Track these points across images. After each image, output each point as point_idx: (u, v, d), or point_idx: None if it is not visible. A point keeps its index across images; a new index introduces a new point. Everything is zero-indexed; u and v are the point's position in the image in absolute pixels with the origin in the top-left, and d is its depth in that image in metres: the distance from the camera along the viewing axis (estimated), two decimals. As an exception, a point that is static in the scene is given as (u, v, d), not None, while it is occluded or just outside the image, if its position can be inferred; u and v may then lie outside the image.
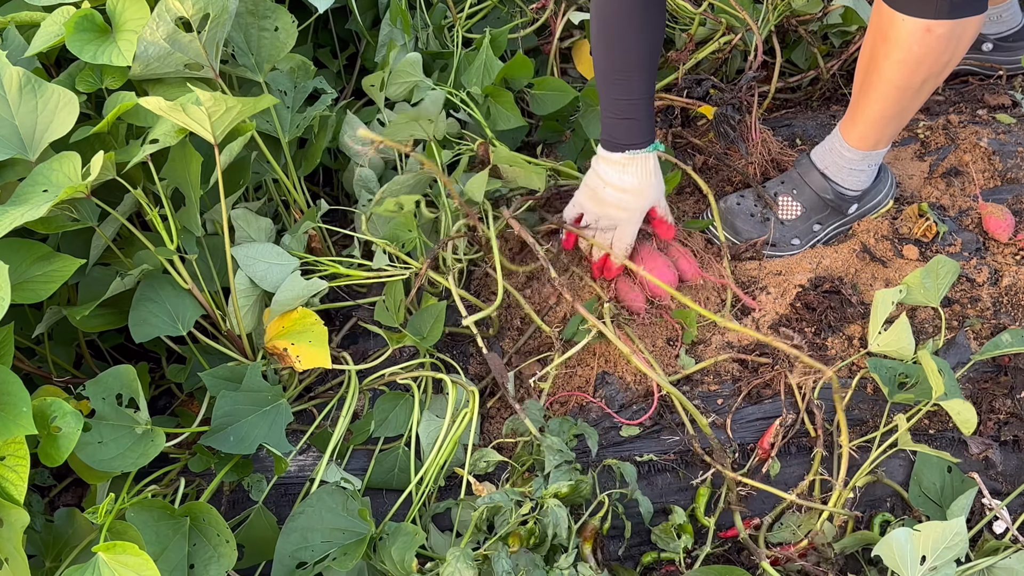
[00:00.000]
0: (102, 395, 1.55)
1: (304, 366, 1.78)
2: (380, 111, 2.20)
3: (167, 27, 1.67)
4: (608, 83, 1.88)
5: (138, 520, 1.46)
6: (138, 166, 1.67)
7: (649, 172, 1.91)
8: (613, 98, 1.88)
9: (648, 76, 1.86)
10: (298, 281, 1.85)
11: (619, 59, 1.84)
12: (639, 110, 1.87)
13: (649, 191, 1.92)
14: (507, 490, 1.62)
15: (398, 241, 1.95)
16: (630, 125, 1.89)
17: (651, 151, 1.91)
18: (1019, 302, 1.92)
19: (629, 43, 1.82)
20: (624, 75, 1.85)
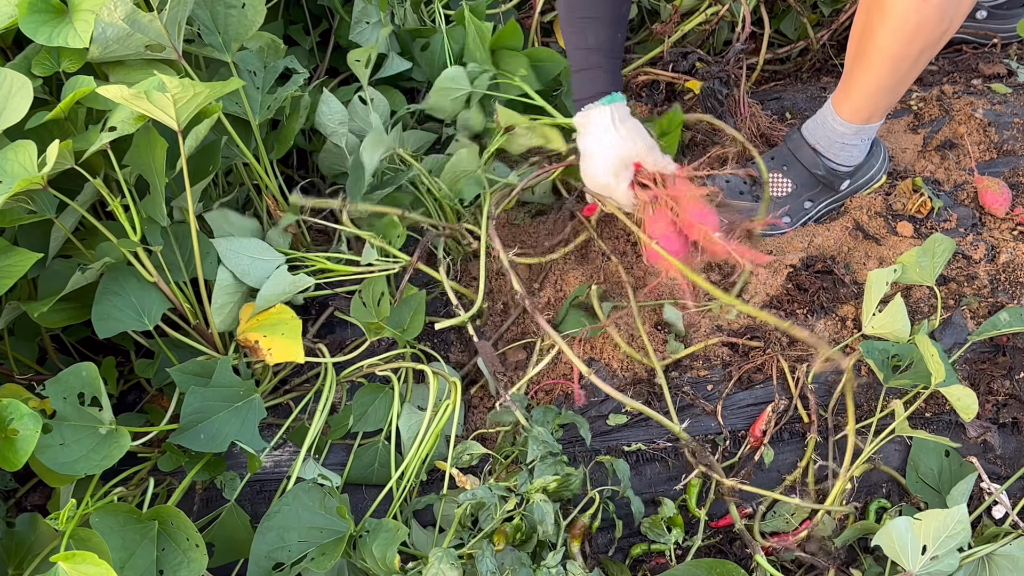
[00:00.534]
0: (63, 394, 1.48)
1: (276, 360, 1.71)
2: (364, 89, 2.12)
3: (126, 7, 1.59)
4: (567, 30, 1.77)
5: (103, 525, 1.40)
6: (99, 153, 1.60)
7: (607, 126, 1.77)
8: (571, 47, 1.77)
9: (608, 25, 1.74)
10: (284, 277, 1.77)
11: (577, 3, 1.73)
12: (594, 59, 1.75)
13: (613, 148, 1.79)
14: (491, 484, 1.56)
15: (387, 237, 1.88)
16: (585, 77, 1.77)
17: (607, 103, 1.77)
18: (1017, 279, 1.86)
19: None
20: (580, 21, 1.74)
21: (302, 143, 2.23)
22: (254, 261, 1.80)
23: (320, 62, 2.44)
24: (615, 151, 1.79)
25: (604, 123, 1.77)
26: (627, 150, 1.79)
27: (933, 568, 1.43)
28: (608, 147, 1.79)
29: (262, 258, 1.81)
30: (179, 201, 1.78)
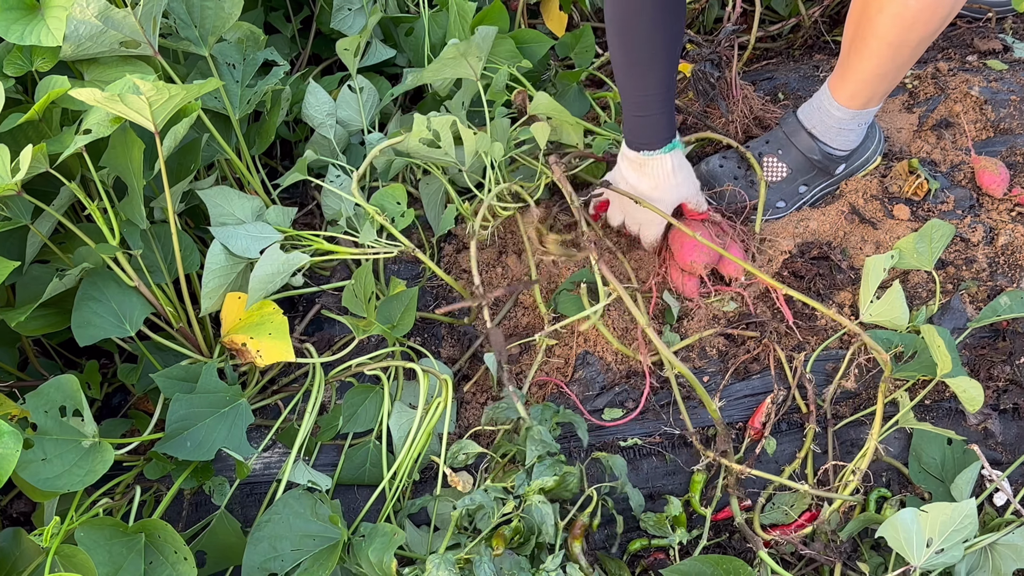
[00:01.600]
0: (44, 408, 1.43)
1: (266, 361, 1.67)
2: (352, 77, 2.07)
3: (99, 3, 1.53)
4: (624, 76, 1.76)
5: (88, 540, 1.36)
6: (75, 155, 1.55)
7: (667, 174, 1.80)
8: (629, 92, 1.76)
9: (665, 70, 1.72)
10: (277, 254, 1.73)
11: (634, 51, 1.71)
12: (654, 106, 1.75)
13: (669, 194, 1.82)
14: (488, 486, 1.53)
15: (385, 212, 1.83)
16: (644, 123, 1.77)
17: (667, 152, 1.79)
18: (1016, 262, 1.83)
19: (644, 35, 1.68)
20: (639, 68, 1.72)
21: (286, 133, 2.18)
22: (254, 239, 1.76)
23: (302, 50, 2.38)
24: (671, 197, 1.83)
25: (666, 170, 1.80)
26: (680, 195, 1.84)
27: (937, 560, 1.41)
28: (665, 194, 1.83)
29: (261, 236, 1.77)
30: (160, 201, 1.73)
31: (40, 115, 1.53)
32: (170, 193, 1.58)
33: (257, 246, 1.73)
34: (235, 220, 1.79)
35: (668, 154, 1.78)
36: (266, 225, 1.78)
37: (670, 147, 1.78)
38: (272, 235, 1.78)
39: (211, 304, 1.71)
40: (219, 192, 1.78)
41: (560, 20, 2.41)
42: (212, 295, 1.70)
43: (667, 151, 1.78)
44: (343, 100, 2.03)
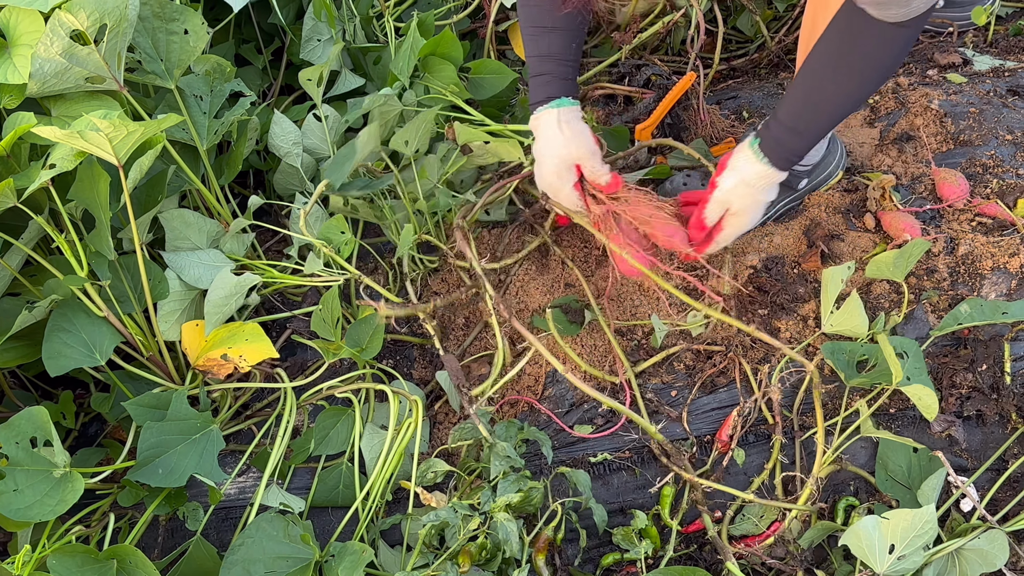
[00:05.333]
0: (15, 439, 1.45)
1: (251, 362, 1.70)
2: (318, 107, 2.10)
3: (62, 41, 1.57)
4: (525, 40, 1.79)
5: (60, 567, 1.38)
6: (42, 189, 1.58)
7: (553, 129, 1.78)
8: (529, 55, 1.79)
9: (563, 35, 1.75)
10: (228, 278, 1.76)
11: (535, 13, 1.75)
12: (548, 66, 1.77)
13: (561, 151, 1.79)
14: (455, 503, 1.55)
15: (331, 243, 1.86)
16: (538, 82, 1.79)
17: (554, 107, 1.78)
18: (976, 271, 1.86)
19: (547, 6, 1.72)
20: (537, 30, 1.75)
21: (257, 163, 2.21)
22: (207, 268, 1.79)
23: (274, 80, 2.42)
24: (558, 152, 1.79)
25: (551, 125, 1.78)
26: (569, 152, 1.79)
27: (899, 567, 1.43)
28: (552, 148, 1.79)
29: (214, 264, 1.80)
30: (127, 232, 1.76)
31: (7, 151, 1.56)
32: (136, 224, 1.61)
33: (210, 275, 1.77)
34: (190, 245, 1.83)
35: (556, 109, 1.78)
36: (219, 253, 1.81)
37: (558, 103, 1.78)
38: (225, 263, 1.81)
39: (168, 327, 1.74)
40: (178, 215, 1.82)
41: (528, 45, 2.45)
42: (168, 319, 1.74)
43: (554, 106, 1.78)
44: (308, 129, 2.06)
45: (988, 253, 1.86)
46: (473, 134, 1.93)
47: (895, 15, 1.42)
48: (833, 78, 1.59)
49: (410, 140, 1.93)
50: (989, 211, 1.94)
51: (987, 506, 1.61)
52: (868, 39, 1.50)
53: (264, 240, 2.14)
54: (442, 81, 2.06)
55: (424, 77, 2.10)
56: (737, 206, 1.74)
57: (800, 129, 1.64)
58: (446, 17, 2.48)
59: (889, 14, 1.42)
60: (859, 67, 1.56)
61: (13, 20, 1.61)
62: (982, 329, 1.77)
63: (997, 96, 2.20)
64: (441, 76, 2.06)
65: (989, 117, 2.14)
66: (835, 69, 1.58)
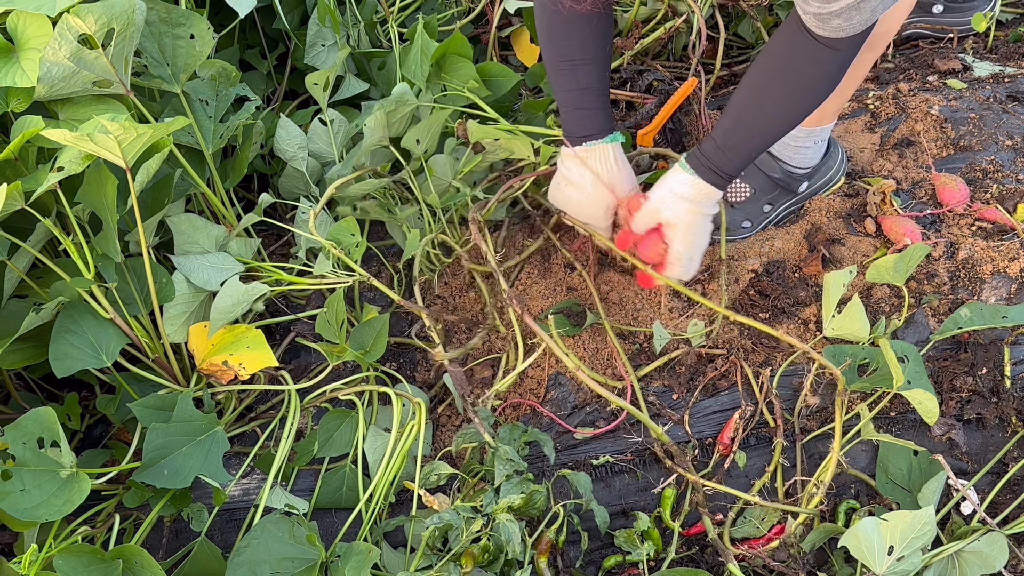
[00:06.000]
0: (22, 440, 1.46)
1: (251, 370, 1.71)
2: (323, 111, 2.11)
3: (70, 45, 1.58)
4: (555, 73, 1.80)
5: (67, 567, 1.39)
6: (50, 192, 1.59)
7: (611, 165, 1.82)
8: (562, 88, 1.80)
9: (598, 65, 1.77)
10: (237, 286, 1.77)
11: (563, 47, 1.76)
12: (589, 99, 1.78)
13: (609, 188, 1.83)
14: (458, 506, 1.56)
15: (341, 245, 1.87)
16: (582, 115, 1.80)
17: (609, 141, 1.80)
18: (976, 275, 1.87)
19: (572, 30, 1.73)
20: (570, 64, 1.76)
21: (262, 167, 2.23)
22: (216, 271, 1.80)
23: (278, 85, 2.44)
24: (612, 189, 1.83)
25: (608, 161, 1.81)
26: (624, 190, 1.84)
27: (899, 568, 1.44)
28: (606, 184, 1.83)
29: (223, 267, 1.81)
30: (134, 235, 1.77)
31: (15, 154, 1.57)
32: (143, 227, 1.62)
33: (218, 278, 1.78)
34: (200, 249, 1.84)
35: (611, 144, 1.81)
36: (228, 256, 1.82)
37: (612, 138, 1.81)
38: (234, 266, 1.82)
39: (175, 330, 1.75)
40: (186, 220, 1.83)
41: (531, 51, 2.47)
42: (175, 321, 1.75)
43: (608, 140, 1.81)
44: (314, 133, 2.07)
45: (988, 257, 1.87)
46: (486, 131, 1.94)
47: (835, 28, 1.43)
48: (766, 97, 1.62)
49: (421, 139, 1.94)
50: (989, 216, 1.96)
51: (987, 509, 1.63)
52: (804, 59, 1.53)
53: (268, 244, 2.15)
54: (460, 79, 2.07)
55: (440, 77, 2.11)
56: (668, 216, 1.74)
57: (728, 146, 1.67)
58: (449, 23, 2.50)
59: (830, 27, 1.43)
60: (792, 87, 1.59)
61: (21, 24, 1.63)
62: (982, 333, 1.78)
63: (997, 102, 2.21)
64: (460, 74, 2.07)
65: (989, 122, 2.15)
66: (768, 88, 1.61)
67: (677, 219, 1.73)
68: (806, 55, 1.52)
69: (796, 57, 1.54)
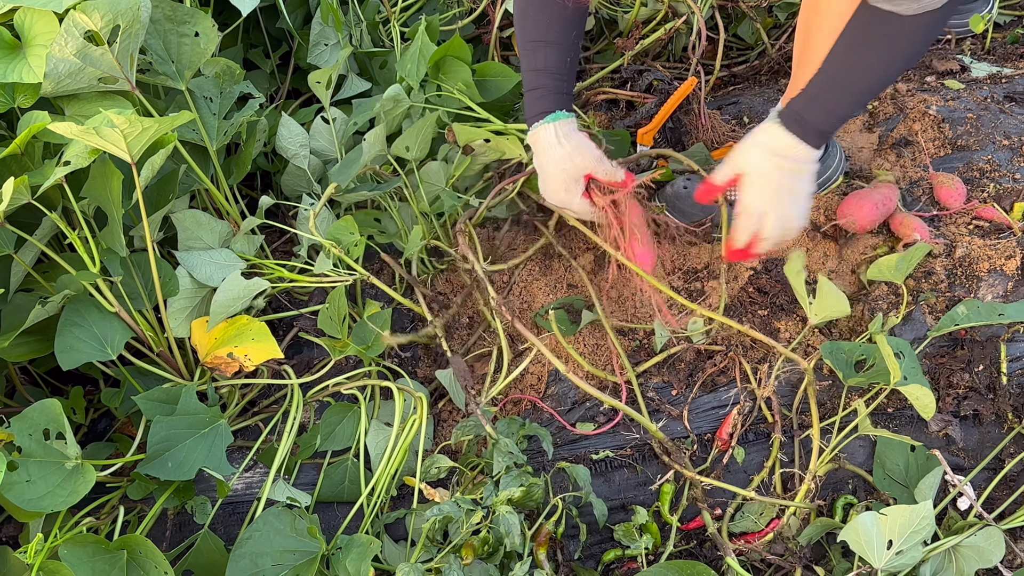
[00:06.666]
0: (28, 431, 1.48)
1: (256, 362, 1.73)
2: (326, 109, 2.13)
3: (76, 42, 1.60)
4: (521, 54, 1.80)
5: (72, 557, 1.41)
6: (56, 186, 1.61)
7: (551, 143, 1.78)
8: (524, 69, 1.80)
9: (558, 49, 1.77)
10: (237, 280, 1.79)
11: (530, 28, 1.77)
12: (543, 80, 1.78)
13: (564, 164, 1.79)
14: (458, 498, 1.58)
15: (341, 244, 1.88)
16: (534, 96, 1.79)
17: (550, 121, 1.78)
18: (973, 272, 1.88)
19: (542, 13, 1.74)
20: (532, 44, 1.77)
21: (265, 165, 2.24)
22: (219, 267, 1.82)
23: (281, 84, 2.45)
24: (562, 166, 1.80)
25: (549, 140, 1.79)
26: (574, 165, 1.79)
27: (898, 562, 1.45)
28: (555, 163, 1.80)
29: (225, 263, 1.83)
30: (139, 230, 1.79)
31: (22, 149, 1.59)
32: (148, 222, 1.64)
33: (221, 274, 1.80)
34: (203, 245, 1.85)
35: (552, 123, 1.78)
36: (231, 253, 1.84)
37: (553, 117, 1.78)
38: (236, 263, 1.84)
39: (178, 325, 1.77)
40: (191, 216, 1.85)
41: (533, 51, 2.47)
42: (178, 315, 1.76)
43: (550, 120, 1.78)
44: (316, 131, 2.09)
45: (985, 256, 1.89)
46: (472, 134, 1.95)
47: (908, 8, 1.44)
48: (858, 65, 1.57)
49: (411, 146, 1.96)
50: (986, 215, 1.97)
51: (984, 504, 1.64)
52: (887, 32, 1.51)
53: (271, 241, 2.17)
54: (456, 82, 2.08)
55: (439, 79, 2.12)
56: (743, 164, 1.66)
57: (820, 100, 1.60)
58: (451, 23, 2.52)
59: (902, 8, 1.44)
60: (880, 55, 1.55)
61: (28, 21, 1.65)
62: (979, 330, 1.80)
63: (994, 102, 2.23)
64: (456, 77, 2.08)
65: (986, 123, 2.17)
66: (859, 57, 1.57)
67: (751, 167, 1.65)
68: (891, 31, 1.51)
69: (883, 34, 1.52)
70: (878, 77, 1.61)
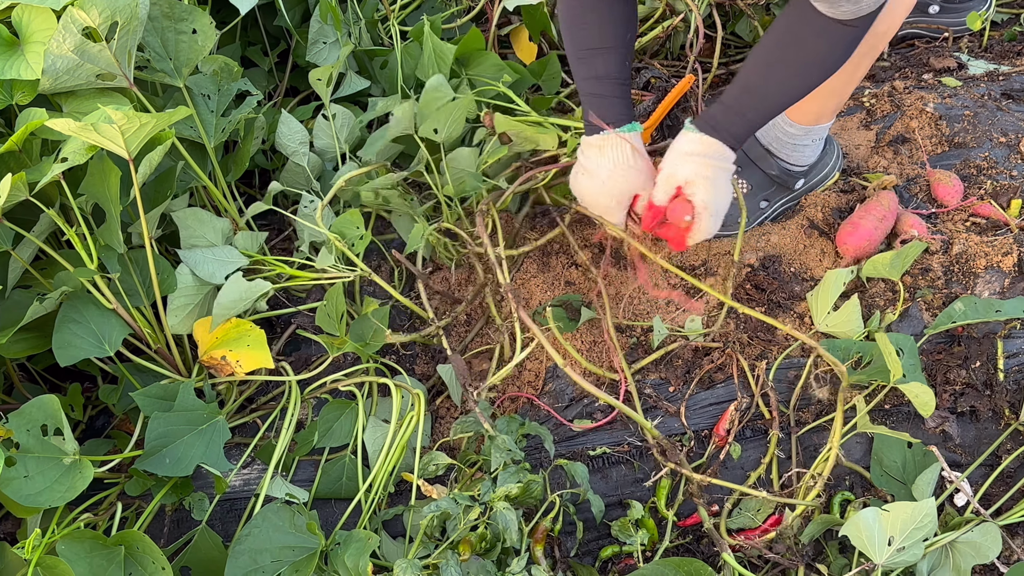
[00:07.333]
0: (26, 427, 1.48)
1: (246, 369, 1.73)
2: (326, 107, 2.13)
3: (74, 38, 1.60)
4: (575, 61, 1.79)
5: (70, 552, 1.41)
6: (53, 183, 1.61)
7: (626, 155, 1.76)
8: (581, 77, 1.78)
9: (618, 54, 1.75)
10: (240, 283, 1.79)
11: (582, 35, 1.75)
12: (607, 87, 1.76)
13: (627, 178, 1.77)
14: (456, 495, 1.58)
15: (345, 237, 1.88)
16: (600, 103, 1.77)
17: (628, 130, 1.77)
18: (970, 269, 1.89)
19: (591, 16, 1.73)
20: (590, 52, 1.75)
21: (263, 162, 2.25)
22: (221, 264, 1.82)
23: (279, 82, 2.46)
24: (628, 179, 1.78)
25: (625, 150, 1.77)
26: (638, 182, 1.78)
27: (899, 559, 1.45)
28: (622, 173, 1.77)
29: (227, 260, 1.83)
30: (136, 226, 1.79)
31: (19, 146, 1.60)
32: (146, 219, 1.64)
33: (223, 271, 1.80)
34: (206, 242, 1.86)
35: (629, 134, 1.77)
36: (233, 250, 1.84)
37: (630, 127, 1.77)
38: (239, 260, 1.84)
39: (177, 322, 1.77)
40: (191, 214, 1.85)
41: (530, 50, 2.48)
42: (178, 313, 1.76)
43: (627, 130, 1.77)
44: (319, 128, 2.09)
45: (982, 252, 1.89)
46: (513, 124, 1.94)
47: (845, 12, 1.44)
48: (776, 68, 1.61)
49: (440, 127, 1.94)
50: (983, 211, 1.98)
51: (980, 500, 1.64)
52: (814, 33, 1.53)
53: (269, 239, 2.17)
54: (489, 72, 2.08)
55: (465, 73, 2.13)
56: (685, 173, 1.70)
57: (736, 110, 1.66)
58: (450, 21, 2.52)
59: (840, 11, 1.44)
60: (802, 60, 1.58)
61: (26, 18, 1.65)
62: (976, 327, 1.80)
63: (991, 99, 2.23)
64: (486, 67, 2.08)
65: (983, 120, 2.17)
66: (778, 59, 1.60)
67: (694, 174, 1.69)
68: (816, 30, 1.52)
69: (807, 31, 1.54)
70: (796, 85, 1.64)
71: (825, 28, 1.50)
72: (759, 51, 1.63)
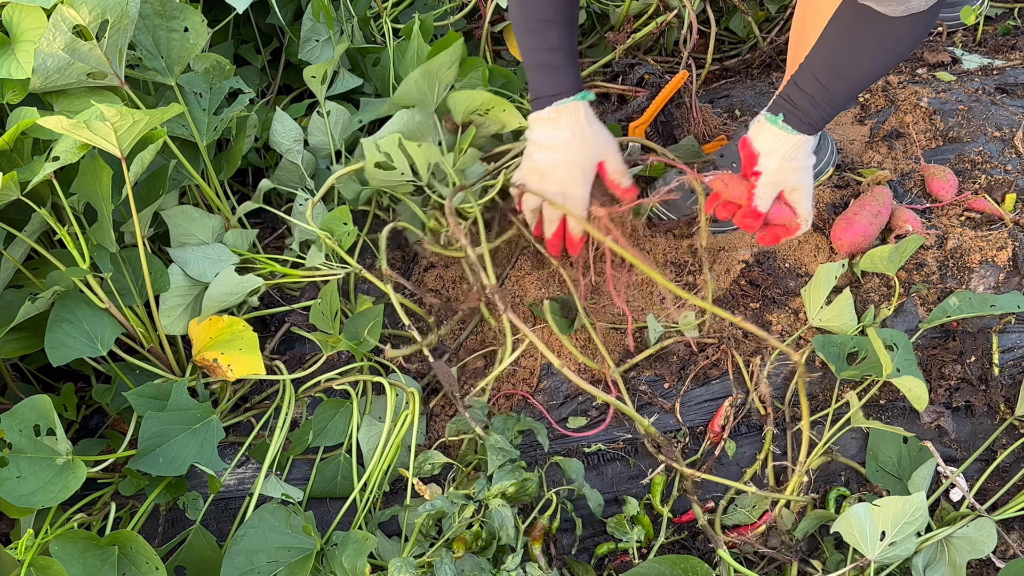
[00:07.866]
0: (19, 427, 1.48)
1: (237, 375, 1.72)
2: (320, 104, 2.12)
3: (64, 37, 1.59)
4: (526, 33, 1.74)
5: (63, 553, 1.40)
6: (45, 182, 1.61)
7: (581, 123, 1.73)
8: (532, 48, 1.74)
9: (567, 26, 1.72)
10: (231, 276, 1.78)
11: (535, 6, 1.71)
12: (559, 58, 1.72)
13: (586, 145, 1.74)
14: (451, 493, 1.58)
15: (334, 234, 1.88)
16: (551, 73, 1.73)
17: (580, 99, 1.73)
18: (965, 264, 1.89)
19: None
20: (540, 23, 1.71)
21: (256, 160, 2.24)
22: (212, 262, 1.81)
23: (272, 80, 2.45)
24: (585, 147, 1.75)
25: (580, 117, 1.73)
26: (598, 146, 1.75)
27: (891, 553, 1.45)
28: (578, 143, 1.74)
29: (218, 259, 1.83)
30: (129, 225, 1.78)
31: (10, 145, 1.59)
32: (138, 217, 1.63)
33: (214, 269, 1.79)
34: (196, 240, 1.85)
35: (582, 102, 1.73)
36: (223, 248, 1.84)
37: (582, 95, 1.74)
38: (229, 258, 1.83)
39: (171, 322, 1.76)
40: (181, 212, 1.84)
41: (522, 46, 2.47)
42: (171, 313, 1.76)
43: (580, 98, 1.73)
44: (314, 126, 2.09)
45: (976, 247, 1.89)
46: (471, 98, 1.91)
47: (894, 10, 1.44)
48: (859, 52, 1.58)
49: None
50: (977, 206, 1.98)
51: (976, 495, 1.64)
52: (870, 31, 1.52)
53: (262, 237, 2.16)
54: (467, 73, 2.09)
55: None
56: (791, 182, 1.70)
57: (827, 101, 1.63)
58: (443, 18, 2.52)
59: (889, 9, 1.44)
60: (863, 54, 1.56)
61: (16, 16, 1.64)
62: (970, 321, 1.80)
63: (985, 94, 2.23)
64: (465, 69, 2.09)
65: (978, 114, 2.17)
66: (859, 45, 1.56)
67: (799, 183, 1.70)
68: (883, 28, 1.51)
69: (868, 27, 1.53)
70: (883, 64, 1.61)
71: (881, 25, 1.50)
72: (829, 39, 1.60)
